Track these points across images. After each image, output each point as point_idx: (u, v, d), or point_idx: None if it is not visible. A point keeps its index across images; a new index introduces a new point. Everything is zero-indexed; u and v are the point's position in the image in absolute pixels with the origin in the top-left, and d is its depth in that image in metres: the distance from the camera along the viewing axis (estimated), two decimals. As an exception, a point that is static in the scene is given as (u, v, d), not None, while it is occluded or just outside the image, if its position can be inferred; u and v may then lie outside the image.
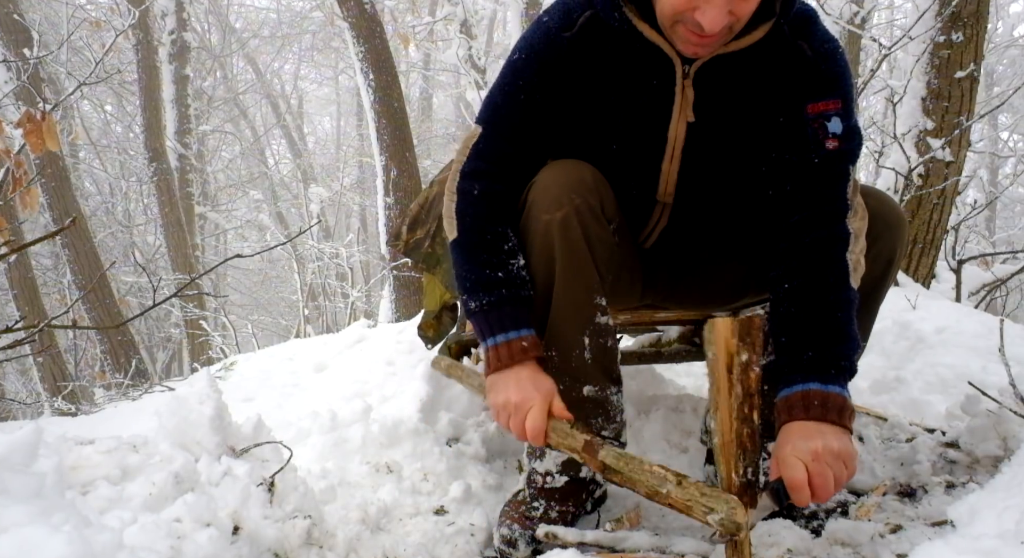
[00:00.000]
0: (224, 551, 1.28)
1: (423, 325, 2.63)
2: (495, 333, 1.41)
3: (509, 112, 1.47)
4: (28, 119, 2.94)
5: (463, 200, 1.47)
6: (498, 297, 1.40)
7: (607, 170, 1.51)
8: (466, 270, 1.44)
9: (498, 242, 1.43)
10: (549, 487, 1.55)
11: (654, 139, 1.47)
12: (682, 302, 1.77)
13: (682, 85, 1.40)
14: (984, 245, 8.48)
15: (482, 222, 1.45)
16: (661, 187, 1.53)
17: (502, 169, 1.47)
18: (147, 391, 4.88)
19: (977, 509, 1.21)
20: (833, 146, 1.39)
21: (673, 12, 1.27)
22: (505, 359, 1.39)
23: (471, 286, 1.43)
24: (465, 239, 1.45)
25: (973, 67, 3.59)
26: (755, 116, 1.44)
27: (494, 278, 1.41)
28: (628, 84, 1.42)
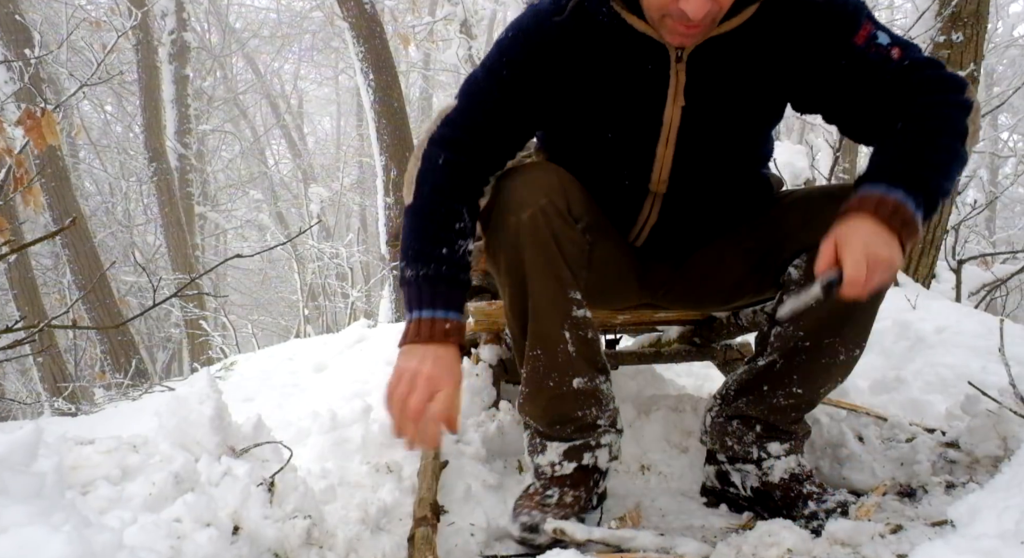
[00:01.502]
0: (224, 551, 1.28)
1: (423, 325, 2.63)
2: (422, 307, 1.36)
3: (488, 86, 1.45)
4: (28, 116, 2.94)
5: (425, 166, 1.44)
6: (436, 272, 1.37)
7: (600, 159, 1.51)
8: (411, 238, 1.41)
9: (451, 219, 1.41)
10: (559, 475, 1.58)
11: (649, 124, 1.46)
12: (680, 301, 1.76)
13: (675, 69, 1.41)
14: (984, 245, 8.49)
15: (440, 195, 1.42)
16: (655, 174, 1.52)
17: (472, 140, 1.45)
18: (147, 391, 4.88)
19: (977, 509, 1.21)
20: (898, 54, 1.37)
21: (659, 6, 1.28)
22: (425, 335, 1.34)
23: (412, 255, 1.40)
24: (419, 207, 1.43)
25: (973, 67, 3.59)
26: (762, 86, 1.45)
27: (437, 253, 1.38)
28: (620, 70, 1.42)
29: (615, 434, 1.63)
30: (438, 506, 1.60)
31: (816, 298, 1.28)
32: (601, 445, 1.60)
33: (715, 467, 1.67)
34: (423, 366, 1.31)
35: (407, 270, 1.39)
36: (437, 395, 1.29)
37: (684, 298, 1.74)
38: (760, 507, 1.59)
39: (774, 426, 1.58)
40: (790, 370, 1.53)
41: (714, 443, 1.65)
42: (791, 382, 1.53)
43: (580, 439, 1.58)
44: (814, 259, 1.28)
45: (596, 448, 1.59)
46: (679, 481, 1.82)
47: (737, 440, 1.61)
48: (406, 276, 1.39)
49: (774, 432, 1.59)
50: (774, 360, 1.54)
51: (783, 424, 1.58)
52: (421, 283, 1.37)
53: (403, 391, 1.29)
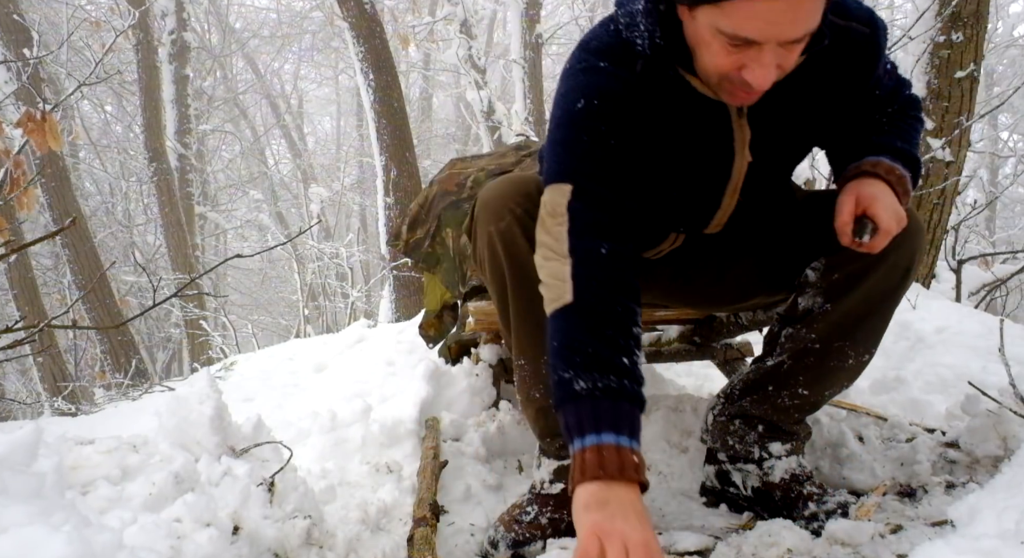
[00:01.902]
0: (224, 551, 1.28)
1: (424, 324, 2.63)
2: (602, 430, 1.10)
3: (599, 159, 1.30)
4: (29, 119, 2.94)
5: (585, 261, 1.23)
6: (619, 387, 1.13)
7: (658, 212, 1.48)
8: (580, 343, 1.17)
9: (627, 320, 1.20)
10: (544, 493, 1.54)
11: (717, 179, 1.44)
12: (685, 301, 1.75)
13: (738, 124, 1.37)
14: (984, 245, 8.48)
15: (612, 291, 1.21)
16: (715, 221, 1.51)
17: (620, 221, 1.27)
18: (147, 391, 4.88)
19: (977, 509, 1.21)
20: (889, 77, 1.51)
21: (718, 73, 1.22)
22: (612, 469, 1.07)
23: (583, 362, 1.15)
24: (586, 305, 1.20)
25: (973, 67, 3.59)
26: (817, 116, 1.44)
27: (618, 362, 1.15)
28: (687, 128, 1.37)
29: None
30: (438, 506, 1.60)
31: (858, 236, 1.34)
32: None
33: (715, 466, 1.67)
34: (633, 528, 1.03)
35: (577, 382, 1.14)
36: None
37: (689, 299, 1.74)
38: (760, 507, 1.59)
39: (777, 426, 1.58)
40: (798, 371, 1.52)
41: (715, 442, 1.65)
42: (797, 383, 1.53)
43: (569, 459, 1.53)
44: (833, 264, 1.45)
45: None
46: (679, 481, 1.82)
47: (739, 439, 1.60)
48: (575, 390, 1.14)
49: (776, 432, 1.58)
50: (782, 361, 1.54)
51: (786, 424, 1.58)
52: (600, 399, 1.12)
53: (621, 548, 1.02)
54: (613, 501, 1.06)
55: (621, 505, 1.06)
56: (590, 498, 1.07)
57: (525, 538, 1.48)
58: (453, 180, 2.47)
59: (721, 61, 1.20)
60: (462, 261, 2.29)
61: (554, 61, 13.45)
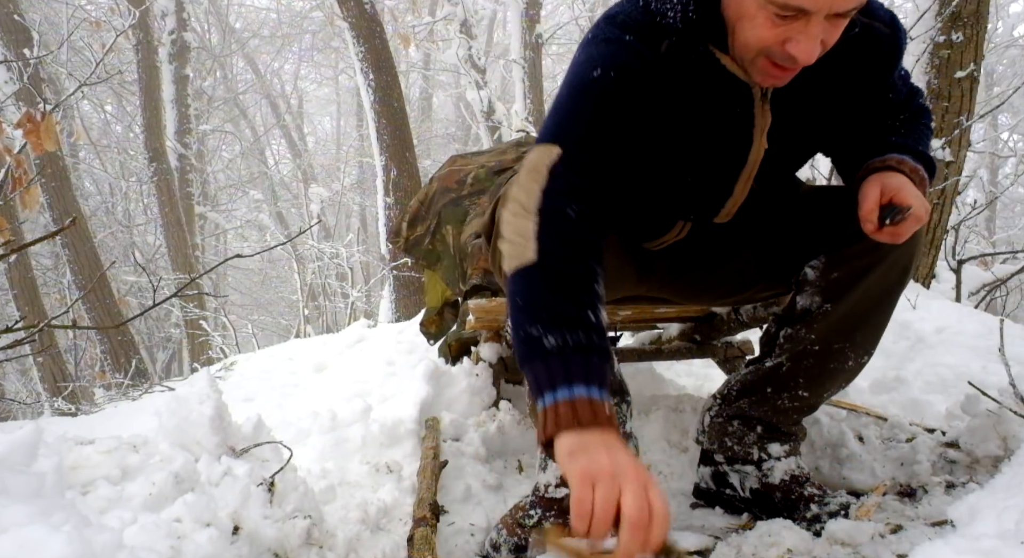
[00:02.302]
0: (224, 551, 1.28)
1: (425, 321, 2.63)
2: (574, 382, 1.10)
3: (596, 129, 1.28)
4: (28, 119, 2.94)
5: (552, 221, 1.22)
6: (587, 341, 1.13)
7: (672, 194, 1.46)
8: (545, 300, 1.16)
9: (589, 279, 1.20)
10: (549, 497, 1.52)
11: (732, 163, 1.42)
12: (682, 294, 1.73)
13: (760, 109, 1.35)
14: (984, 245, 8.48)
15: (576, 249, 1.20)
16: (725, 209, 1.49)
17: (598, 189, 1.27)
18: (147, 391, 4.88)
19: (977, 509, 1.21)
20: (903, 82, 1.53)
21: (761, 46, 1.19)
22: (586, 420, 1.07)
23: (549, 318, 1.14)
24: (550, 264, 1.19)
25: (973, 67, 3.59)
26: (834, 112, 1.44)
27: (583, 317, 1.15)
28: (706, 110, 1.35)
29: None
30: (438, 506, 1.60)
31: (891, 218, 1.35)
32: None
33: (711, 468, 1.65)
34: (619, 459, 1.04)
35: (545, 338, 1.13)
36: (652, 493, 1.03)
37: (688, 292, 1.72)
38: (758, 509, 1.58)
39: (776, 427, 1.57)
40: (797, 373, 1.52)
41: (712, 443, 1.64)
42: (797, 385, 1.53)
43: None
44: (833, 262, 1.46)
45: None
46: (679, 481, 1.82)
47: (737, 440, 1.60)
48: (544, 346, 1.12)
49: (775, 433, 1.58)
50: (781, 362, 1.53)
51: (784, 425, 1.58)
52: (569, 353, 1.11)
53: (611, 495, 1.01)
54: (593, 444, 1.06)
55: (603, 445, 1.06)
56: (572, 446, 1.07)
57: (528, 542, 1.47)
58: (453, 177, 2.47)
59: (765, 33, 1.18)
60: (462, 258, 2.28)
61: (554, 61, 13.45)
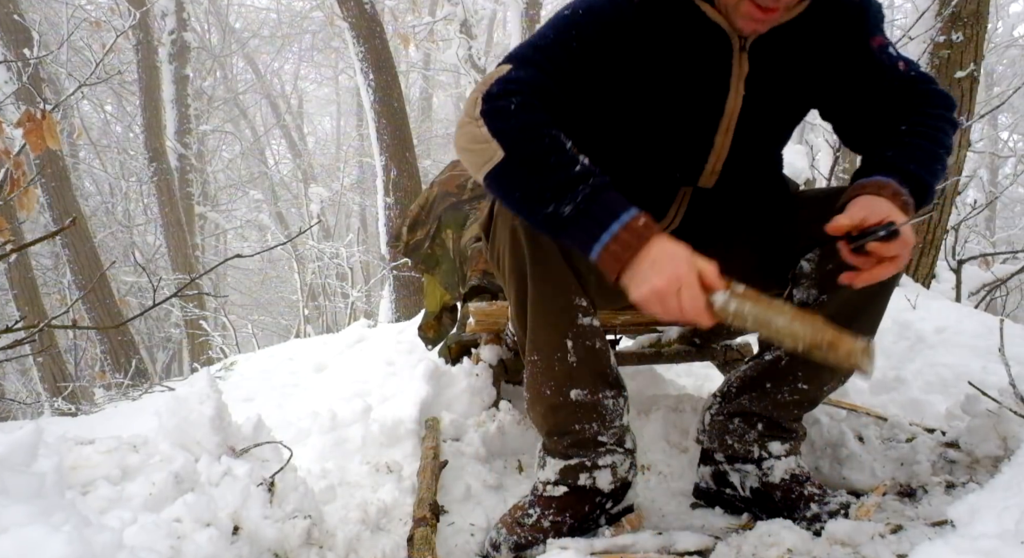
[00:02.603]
0: (224, 551, 1.28)
1: (424, 326, 2.63)
2: (607, 223, 1.19)
3: (555, 54, 1.34)
4: (28, 118, 2.94)
5: (497, 119, 1.27)
6: (592, 187, 1.20)
7: (653, 150, 1.48)
8: (534, 181, 1.23)
9: (558, 143, 1.25)
10: (547, 495, 1.53)
11: (710, 112, 1.45)
12: None
13: (738, 59, 1.40)
14: (984, 245, 8.48)
15: (533, 129, 1.25)
16: (709, 165, 1.50)
17: (538, 97, 1.30)
18: (147, 391, 4.89)
19: (977, 509, 1.21)
20: (904, 66, 1.48)
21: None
22: (634, 244, 1.18)
23: (553, 193, 1.21)
24: (519, 151, 1.25)
25: (973, 67, 3.59)
26: (809, 74, 1.47)
27: (577, 172, 1.21)
28: (686, 58, 1.39)
29: (622, 454, 1.54)
30: (438, 506, 1.60)
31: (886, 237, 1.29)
32: (600, 466, 1.51)
33: (712, 467, 1.65)
34: (652, 281, 1.17)
35: (561, 208, 1.21)
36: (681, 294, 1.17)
37: None
38: (758, 509, 1.58)
39: (777, 423, 1.58)
40: (795, 366, 1.53)
41: (712, 442, 1.64)
42: (796, 378, 1.54)
43: (576, 457, 1.51)
44: (827, 254, 1.43)
45: (594, 469, 1.51)
46: (679, 481, 1.82)
47: (738, 438, 1.60)
48: (563, 215, 1.21)
49: (776, 430, 1.58)
50: (779, 356, 1.54)
51: (785, 421, 1.58)
52: (586, 208, 1.20)
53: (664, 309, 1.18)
54: (638, 269, 1.19)
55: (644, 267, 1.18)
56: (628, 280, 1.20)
57: (527, 541, 1.48)
58: (454, 181, 2.47)
59: None
60: (462, 262, 2.29)
61: (554, 61, 13.40)
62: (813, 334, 1.17)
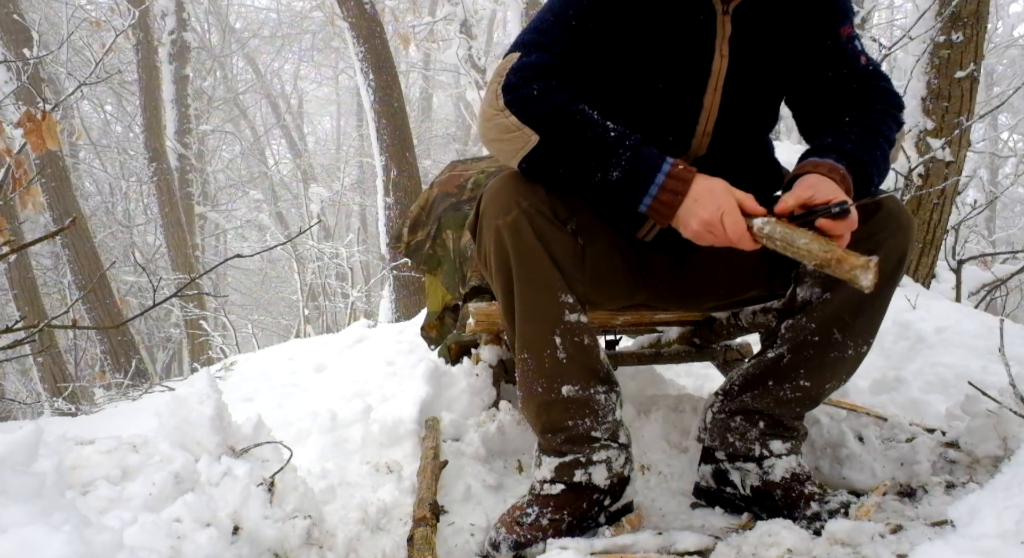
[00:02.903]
0: (224, 551, 1.28)
1: (426, 326, 2.63)
2: (652, 177, 1.33)
3: (554, 35, 1.44)
4: (28, 119, 2.94)
5: (524, 106, 1.37)
6: (631, 148, 1.33)
7: (645, 113, 1.52)
8: (576, 157, 1.35)
9: (588, 116, 1.36)
10: (544, 494, 1.53)
11: (697, 74, 1.50)
12: (679, 299, 1.75)
13: (721, 21, 1.47)
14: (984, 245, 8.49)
15: (563, 109, 1.36)
16: (700, 127, 1.54)
17: (554, 78, 1.40)
18: (147, 391, 4.88)
19: (977, 509, 1.21)
20: (864, 62, 1.57)
21: None
22: (680, 188, 1.32)
23: (596, 162, 1.34)
24: (554, 132, 1.35)
25: (973, 67, 3.59)
26: (789, 46, 1.54)
27: (614, 139, 1.34)
28: (672, 22, 1.47)
29: (616, 449, 1.54)
30: (438, 506, 1.60)
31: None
32: (595, 461, 1.51)
33: (712, 466, 1.65)
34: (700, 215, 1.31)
35: (609, 173, 1.34)
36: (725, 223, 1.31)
37: (685, 296, 1.73)
38: (759, 508, 1.58)
39: (778, 422, 1.58)
40: (798, 364, 1.53)
41: (714, 440, 1.64)
42: (798, 375, 1.54)
43: (571, 454, 1.52)
44: None
45: (589, 465, 1.51)
46: (679, 481, 1.82)
47: (739, 436, 1.60)
48: (612, 179, 1.34)
49: (778, 428, 1.58)
50: (782, 354, 1.55)
51: (787, 419, 1.58)
52: (631, 165, 1.33)
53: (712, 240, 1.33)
54: (684, 212, 1.34)
55: (688, 208, 1.33)
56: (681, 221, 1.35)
57: (527, 540, 1.48)
58: (453, 182, 2.47)
59: None
60: (463, 262, 2.29)
61: (554, 61, 13.40)
62: (825, 251, 1.25)
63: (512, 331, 1.52)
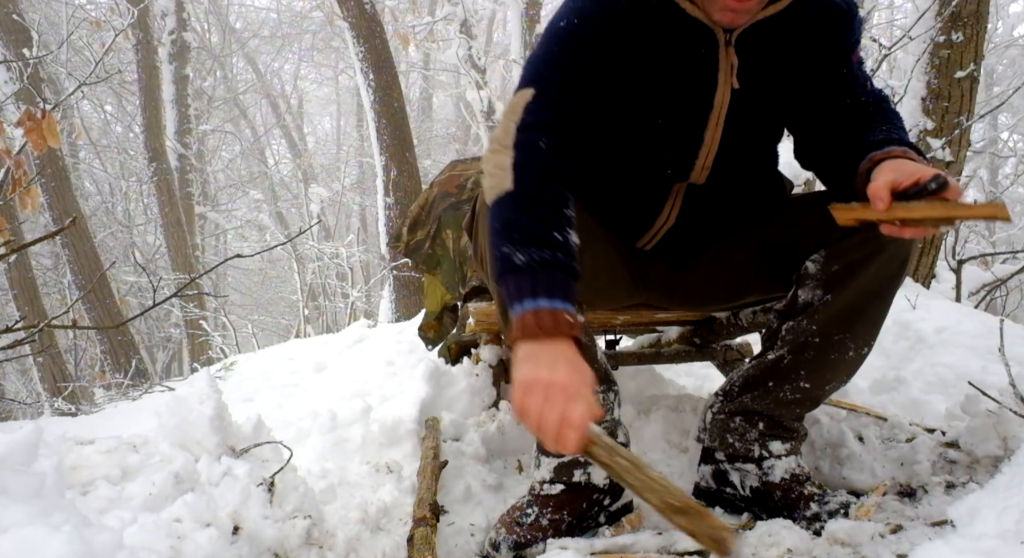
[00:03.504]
0: (224, 551, 1.28)
1: (424, 326, 2.63)
2: (538, 295, 1.22)
3: (565, 70, 1.41)
4: (29, 117, 2.94)
5: (525, 153, 1.35)
6: (553, 259, 1.25)
7: (645, 147, 1.50)
8: (517, 222, 1.29)
9: (559, 203, 1.32)
10: (544, 494, 1.54)
11: (699, 107, 1.47)
12: (679, 301, 1.75)
13: (725, 52, 1.42)
14: (984, 245, 8.47)
15: (547, 178, 1.34)
16: (700, 161, 1.52)
17: (567, 124, 1.39)
18: (147, 391, 4.89)
19: (977, 509, 1.21)
20: (870, 86, 1.53)
21: None
22: (548, 327, 1.19)
23: (520, 238, 1.27)
24: (525, 191, 1.32)
25: (973, 67, 3.59)
26: (798, 73, 1.49)
27: (551, 237, 1.27)
28: (673, 54, 1.43)
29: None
30: (438, 506, 1.60)
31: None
32: None
33: (712, 466, 1.65)
34: (555, 374, 1.15)
35: (516, 255, 1.25)
36: (573, 404, 1.13)
37: (685, 298, 1.74)
38: (758, 508, 1.58)
39: (778, 422, 1.58)
40: (798, 365, 1.53)
41: (713, 440, 1.64)
42: (799, 377, 1.54)
43: (569, 455, 1.52)
44: (832, 255, 1.47)
45: (588, 464, 1.53)
46: (679, 481, 1.82)
47: (739, 437, 1.60)
48: (515, 262, 1.25)
49: (777, 429, 1.58)
50: (782, 355, 1.54)
51: (787, 420, 1.58)
52: (536, 269, 1.24)
53: (538, 405, 1.14)
54: (543, 354, 1.18)
55: (549, 356, 1.18)
56: (523, 354, 1.20)
57: (527, 540, 1.48)
58: (453, 182, 2.47)
59: None
60: (462, 262, 2.29)
61: (554, 61, 13.40)
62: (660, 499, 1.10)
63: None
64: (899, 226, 1.26)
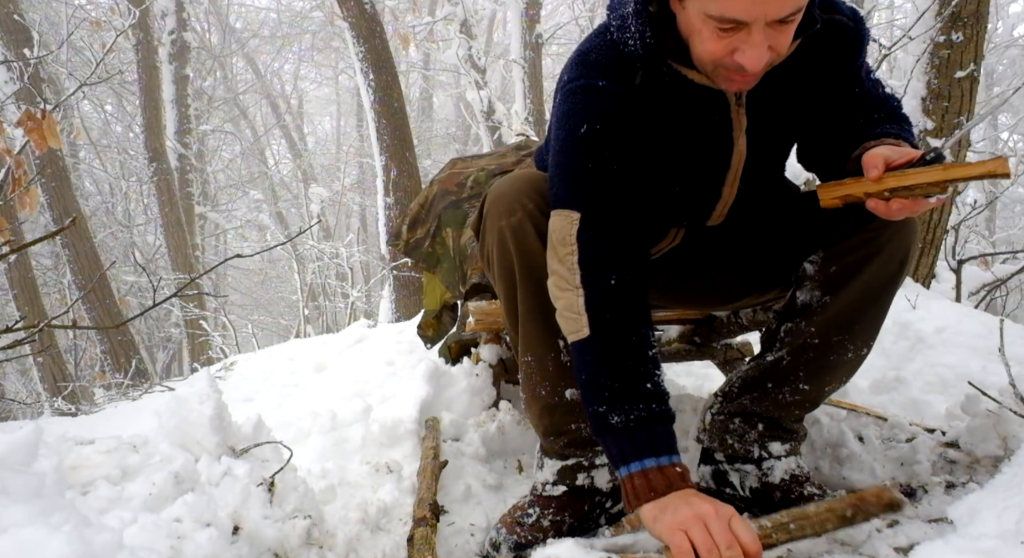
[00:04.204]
0: (224, 551, 1.28)
1: (423, 325, 2.63)
2: (643, 456, 1.24)
3: (603, 183, 1.34)
4: (29, 117, 2.94)
5: (597, 294, 1.30)
6: (649, 413, 1.25)
7: (664, 207, 1.50)
8: (605, 377, 1.28)
9: (643, 347, 1.29)
10: (546, 495, 1.54)
11: (716, 168, 1.47)
12: (680, 301, 1.76)
13: (736, 113, 1.41)
14: (984, 245, 8.48)
15: (625, 321, 1.29)
16: (716, 212, 1.54)
17: (626, 247, 1.33)
18: (147, 391, 4.88)
19: (977, 509, 1.21)
20: (880, 90, 1.50)
21: (712, 59, 1.25)
22: (662, 486, 1.21)
23: (612, 396, 1.26)
24: (604, 339, 1.29)
25: (973, 67, 3.59)
26: (810, 104, 1.47)
27: (643, 390, 1.26)
28: (686, 123, 1.41)
29: None
30: (438, 506, 1.60)
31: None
32: (597, 465, 1.53)
33: (712, 467, 1.65)
34: (700, 508, 1.17)
35: (612, 415, 1.26)
36: (736, 527, 1.15)
37: (685, 298, 1.74)
38: (758, 509, 1.57)
39: (777, 423, 1.58)
40: (797, 367, 1.53)
41: (713, 441, 1.64)
42: (798, 379, 1.53)
43: (573, 458, 1.53)
44: (830, 256, 1.46)
45: (592, 468, 1.53)
46: (679, 481, 1.81)
47: (738, 438, 1.60)
48: (612, 422, 1.25)
49: (776, 430, 1.58)
50: (782, 356, 1.54)
51: (786, 421, 1.58)
52: (635, 430, 1.24)
53: (703, 535, 1.14)
54: (671, 503, 1.20)
55: (678, 501, 1.20)
56: (654, 512, 1.21)
57: (527, 540, 1.48)
58: (453, 180, 2.47)
59: (713, 47, 1.23)
60: (462, 261, 2.28)
61: (554, 61, 13.45)
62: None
63: (515, 333, 1.52)
64: (886, 200, 1.25)
